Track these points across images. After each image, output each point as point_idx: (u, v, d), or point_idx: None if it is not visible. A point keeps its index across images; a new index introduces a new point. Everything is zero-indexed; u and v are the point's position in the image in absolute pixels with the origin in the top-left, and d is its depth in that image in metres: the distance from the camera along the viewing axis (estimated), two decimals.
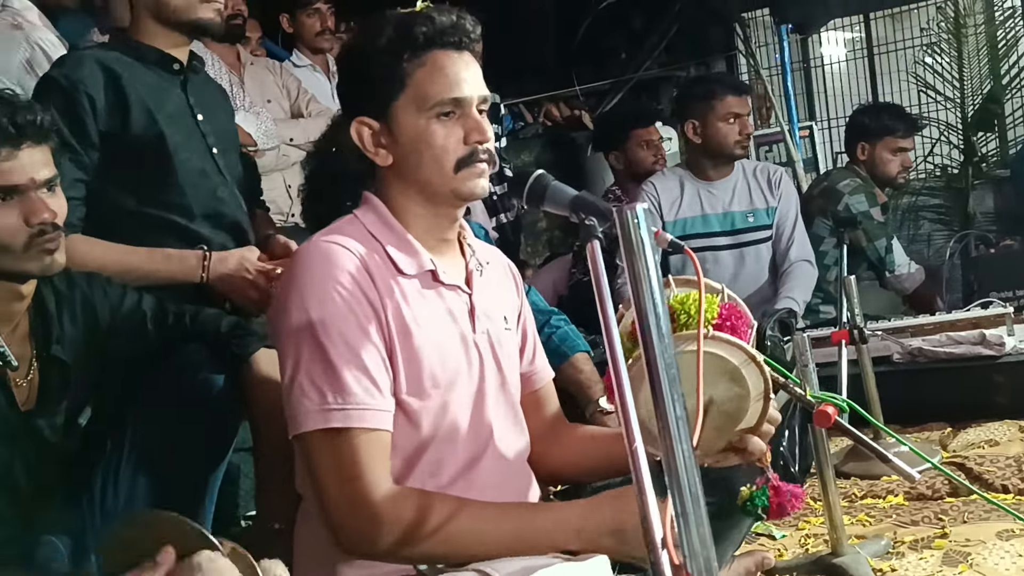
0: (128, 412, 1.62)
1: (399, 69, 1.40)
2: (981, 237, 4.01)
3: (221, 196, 2.15)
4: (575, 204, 1.25)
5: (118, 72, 2.03)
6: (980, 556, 1.78)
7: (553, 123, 6.20)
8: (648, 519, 0.96)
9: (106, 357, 1.66)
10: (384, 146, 1.43)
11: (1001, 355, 2.68)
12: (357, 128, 1.43)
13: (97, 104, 1.99)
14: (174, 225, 2.07)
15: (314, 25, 3.91)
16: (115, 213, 2.04)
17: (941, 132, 5.45)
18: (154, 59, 2.11)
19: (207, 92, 2.27)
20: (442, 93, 1.40)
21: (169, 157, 2.06)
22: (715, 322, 1.33)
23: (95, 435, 1.67)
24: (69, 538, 1.56)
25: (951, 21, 5.40)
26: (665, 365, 1.02)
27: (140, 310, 1.68)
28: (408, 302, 1.40)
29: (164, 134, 2.05)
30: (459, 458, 1.43)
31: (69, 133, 1.93)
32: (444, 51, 1.42)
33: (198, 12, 2.07)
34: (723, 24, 5.95)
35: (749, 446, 1.40)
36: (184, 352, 1.63)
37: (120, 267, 1.93)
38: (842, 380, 2.25)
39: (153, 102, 2.06)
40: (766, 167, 3.58)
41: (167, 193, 2.07)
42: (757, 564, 1.79)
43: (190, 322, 1.69)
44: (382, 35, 1.41)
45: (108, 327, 1.65)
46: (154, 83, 2.09)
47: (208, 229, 2.09)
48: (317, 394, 1.31)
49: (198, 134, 2.15)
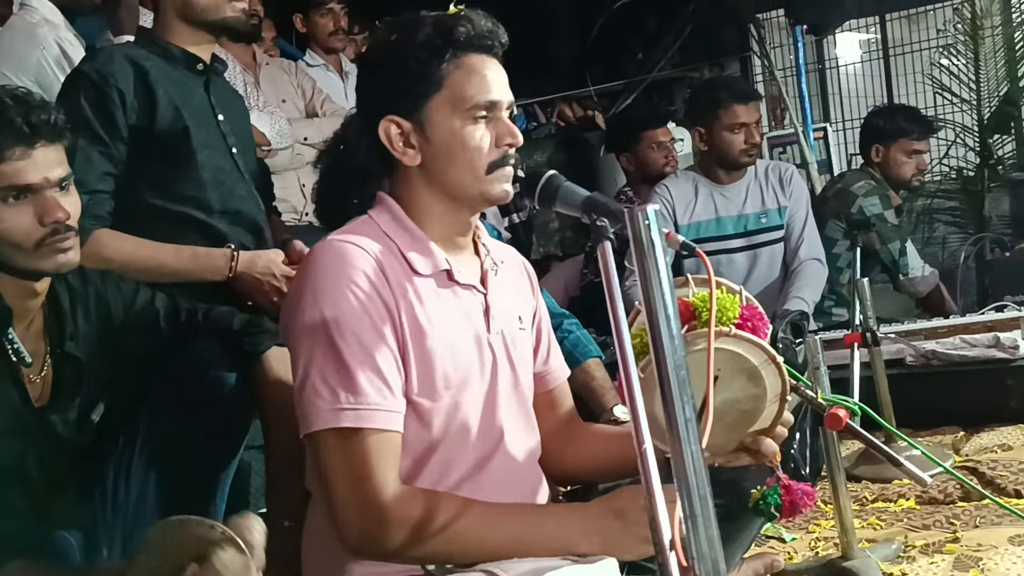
0: (140, 409, 1.63)
1: (437, 68, 1.40)
2: (996, 240, 3.99)
3: (240, 194, 2.18)
4: (587, 205, 1.26)
5: (146, 68, 2.06)
6: (992, 561, 1.77)
7: (566, 123, 6.20)
8: (657, 520, 0.96)
9: (119, 354, 1.67)
10: (413, 145, 1.43)
11: (1015, 359, 2.66)
12: (385, 127, 1.43)
13: (127, 98, 2.02)
14: (194, 220, 2.09)
15: (327, 25, 3.93)
16: (137, 205, 2.06)
17: (957, 134, 5.42)
18: (180, 58, 2.14)
19: (227, 93, 2.30)
20: (479, 95, 1.41)
21: (192, 152, 2.08)
22: (736, 322, 1.33)
23: (108, 431, 1.68)
24: (81, 532, 1.57)
25: (968, 23, 5.37)
26: (675, 366, 1.02)
27: (153, 307, 1.69)
28: (423, 302, 1.40)
29: (189, 129, 2.08)
30: (469, 458, 1.44)
31: (99, 126, 1.96)
32: (479, 54, 1.43)
33: (226, 11, 2.11)
34: (737, 25, 5.93)
35: (762, 447, 1.40)
36: (195, 349, 1.63)
37: (149, 263, 1.97)
38: (854, 383, 2.24)
39: (179, 98, 2.09)
40: (777, 166, 3.56)
41: (188, 188, 2.09)
42: (766, 566, 1.78)
43: (203, 319, 1.70)
44: (419, 34, 1.41)
45: (121, 324, 1.66)
46: (179, 80, 2.12)
47: (226, 225, 2.11)
48: (329, 393, 1.32)
49: (218, 133, 2.17)
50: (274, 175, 3.33)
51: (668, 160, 3.95)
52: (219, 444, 1.66)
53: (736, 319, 1.33)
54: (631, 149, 3.96)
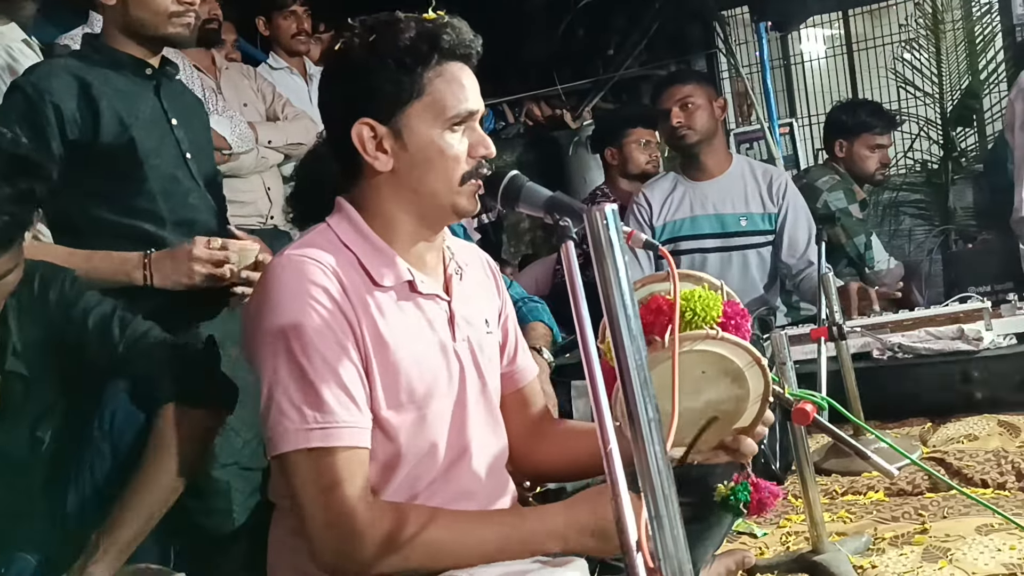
0: (92, 427, 1.59)
1: (420, 76, 1.38)
2: (960, 232, 4.04)
3: (193, 202, 2.14)
4: (549, 205, 1.25)
5: (89, 80, 2.02)
6: (960, 551, 1.78)
7: (535, 123, 6.20)
8: (623, 522, 0.96)
9: (69, 371, 1.62)
10: (386, 150, 1.40)
11: (979, 350, 2.69)
12: (358, 130, 1.39)
13: (64, 113, 1.97)
14: (145, 233, 2.04)
15: (290, 27, 3.91)
16: (87, 220, 2.02)
17: (921, 128, 5.48)
18: (127, 63, 2.10)
19: (182, 96, 2.26)
20: (460, 105, 1.40)
21: (140, 164, 2.04)
22: (720, 320, 1.32)
23: (61, 451, 1.63)
24: (40, 554, 1.53)
25: (929, 17, 5.44)
26: (636, 366, 1.01)
27: (105, 318, 1.64)
28: (384, 315, 1.39)
29: (135, 140, 2.04)
30: (437, 468, 1.43)
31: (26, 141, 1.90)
32: (459, 63, 1.42)
33: (166, 28, 2.06)
34: (703, 22, 5.96)
35: (742, 447, 1.42)
36: (139, 368, 1.59)
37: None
38: (822, 377, 2.25)
39: (125, 109, 2.05)
40: (769, 171, 3.45)
41: (138, 200, 2.05)
42: (738, 563, 1.79)
43: (130, 344, 1.61)
44: (401, 38, 1.38)
45: (74, 341, 1.62)
46: (126, 89, 2.08)
47: (179, 236, 2.06)
48: (296, 413, 1.30)
49: (172, 139, 2.13)
50: (238, 179, 3.33)
51: (651, 160, 3.97)
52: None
53: (719, 318, 1.32)
54: (618, 144, 3.97)
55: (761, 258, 3.35)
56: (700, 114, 3.29)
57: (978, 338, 2.68)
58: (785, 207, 3.32)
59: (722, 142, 3.48)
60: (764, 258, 3.35)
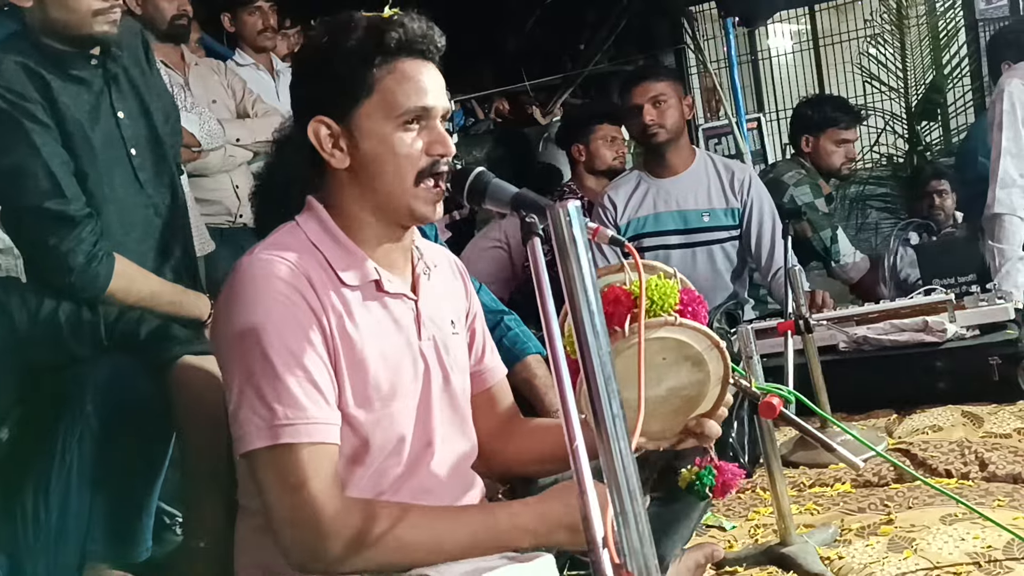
0: (55, 426, 1.58)
1: (368, 74, 1.38)
2: (924, 225, 4.09)
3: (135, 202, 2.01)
4: (515, 201, 1.26)
5: (46, 77, 1.92)
6: (924, 541, 1.80)
7: (503, 119, 6.20)
8: (589, 519, 0.96)
9: (25, 367, 1.61)
10: (342, 148, 1.40)
11: (943, 341, 2.72)
12: (314, 127, 1.40)
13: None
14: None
15: (256, 23, 3.87)
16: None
17: (886, 122, 5.54)
18: (69, 55, 1.97)
19: (131, 82, 2.12)
20: (410, 101, 1.39)
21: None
22: (678, 308, 1.34)
23: (24, 451, 1.62)
24: (5, 556, 1.51)
25: (894, 12, 5.51)
26: (601, 363, 1.02)
27: (56, 318, 1.63)
28: (351, 313, 1.39)
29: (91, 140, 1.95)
30: (403, 464, 1.43)
31: None
32: (412, 59, 1.41)
33: (91, 28, 1.95)
34: (670, 18, 5.99)
35: (706, 430, 1.45)
36: (110, 362, 1.58)
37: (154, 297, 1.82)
38: (789, 370, 2.27)
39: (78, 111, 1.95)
40: (731, 166, 3.45)
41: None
42: (707, 556, 1.80)
43: (105, 331, 1.64)
44: (351, 37, 1.38)
45: (26, 336, 1.60)
46: (73, 89, 1.97)
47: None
48: (266, 410, 1.30)
49: (117, 135, 2.02)
50: (207, 177, 3.30)
51: (618, 156, 3.97)
52: (139, 460, 1.60)
53: (677, 305, 1.34)
54: (585, 140, 3.96)
55: (726, 253, 3.36)
56: (672, 112, 3.30)
57: (942, 330, 2.71)
58: (749, 202, 3.33)
59: (687, 139, 3.48)
60: (729, 253, 3.36)
